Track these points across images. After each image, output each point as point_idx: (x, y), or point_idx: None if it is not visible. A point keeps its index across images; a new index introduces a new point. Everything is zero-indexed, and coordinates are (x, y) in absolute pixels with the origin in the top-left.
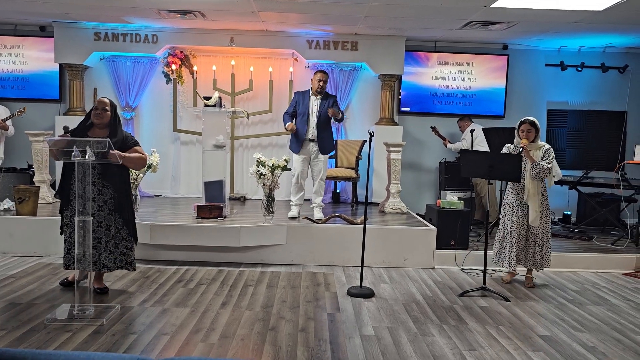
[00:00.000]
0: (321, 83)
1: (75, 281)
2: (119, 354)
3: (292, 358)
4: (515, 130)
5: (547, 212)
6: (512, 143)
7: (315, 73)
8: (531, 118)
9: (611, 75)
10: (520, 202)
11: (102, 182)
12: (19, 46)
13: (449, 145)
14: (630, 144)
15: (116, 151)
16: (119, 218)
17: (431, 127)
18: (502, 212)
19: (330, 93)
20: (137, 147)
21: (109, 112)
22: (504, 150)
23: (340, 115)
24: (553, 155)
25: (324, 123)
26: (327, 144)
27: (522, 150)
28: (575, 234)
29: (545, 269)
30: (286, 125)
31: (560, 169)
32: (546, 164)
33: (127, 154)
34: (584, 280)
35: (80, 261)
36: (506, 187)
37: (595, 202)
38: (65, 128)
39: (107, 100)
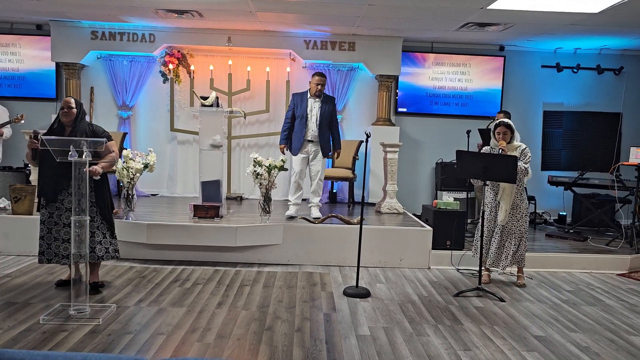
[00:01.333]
0: (319, 87)
1: (71, 280)
2: (115, 354)
3: (288, 358)
4: (492, 133)
5: (524, 212)
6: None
7: (312, 76)
8: (506, 120)
9: (607, 77)
10: (492, 202)
11: (81, 177)
12: (15, 45)
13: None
14: (625, 145)
15: (93, 167)
16: (98, 210)
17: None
18: (481, 211)
19: (328, 95)
20: (109, 144)
21: (74, 110)
22: (483, 151)
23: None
24: (530, 155)
25: (324, 125)
26: (327, 145)
27: (500, 151)
28: (570, 234)
29: (526, 269)
30: (280, 145)
31: (556, 170)
32: (523, 164)
33: (102, 163)
34: (579, 280)
35: (75, 258)
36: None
37: (590, 203)
38: (35, 133)
39: (71, 99)
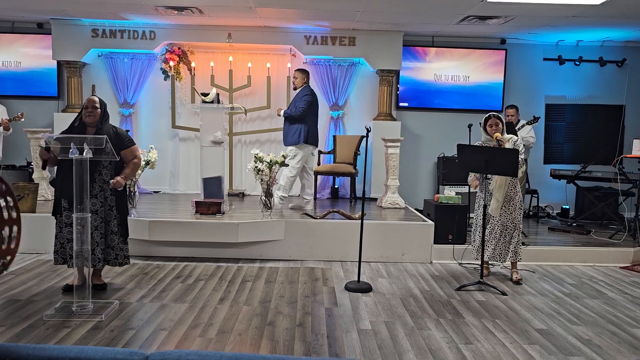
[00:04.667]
0: (293, 80)
1: (74, 286)
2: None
3: (290, 352)
4: (482, 127)
5: (518, 205)
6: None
7: None
8: (495, 113)
9: (609, 69)
10: (486, 197)
11: (102, 179)
12: (16, 43)
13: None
14: (628, 137)
15: (117, 178)
16: (118, 214)
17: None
18: (476, 205)
19: (305, 88)
20: (132, 148)
21: (99, 110)
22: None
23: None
24: (523, 146)
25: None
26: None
27: (499, 143)
28: (573, 227)
29: (529, 262)
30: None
31: (558, 163)
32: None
33: (126, 173)
34: (582, 273)
35: (77, 257)
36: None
37: (593, 196)
38: (47, 144)
39: (96, 99)
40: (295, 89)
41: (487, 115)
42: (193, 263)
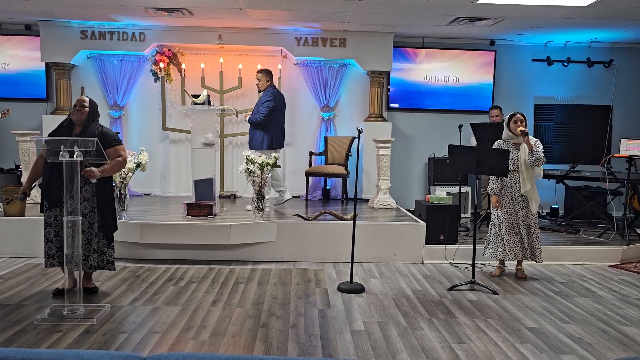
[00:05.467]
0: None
1: (65, 290)
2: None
3: (283, 354)
4: (505, 124)
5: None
6: (500, 138)
7: None
8: (520, 112)
9: (597, 70)
10: (511, 195)
11: (82, 180)
12: (4, 45)
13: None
14: (616, 137)
15: (92, 169)
16: (99, 217)
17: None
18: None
19: (268, 91)
20: (117, 147)
21: (86, 109)
22: (495, 146)
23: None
24: (542, 146)
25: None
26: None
27: (525, 134)
28: (563, 227)
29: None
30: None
31: (548, 163)
32: (541, 153)
33: (105, 168)
34: (571, 272)
35: (69, 262)
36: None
37: (582, 195)
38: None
39: (86, 98)
40: (259, 91)
41: (511, 113)
42: (185, 265)
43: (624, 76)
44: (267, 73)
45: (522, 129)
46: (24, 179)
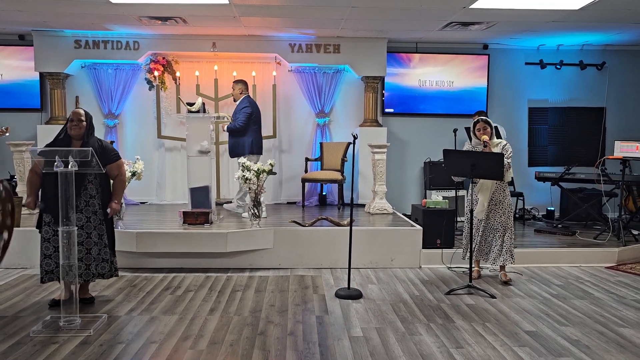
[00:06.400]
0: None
1: (61, 301)
2: None
3: None
4: (471, 131)
5: (508, 208)
6: (471, 141)
7: None
8: (483, 117)
9: (589, 73)
10: (474, 199)
11: (88, 194)
12: None
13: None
14: (610, 139)
15: (112, 205)
16: (107, 228)
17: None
18: (465, 209)
19: (243, 100)
20: (118, 163)
21: (84, 123)
22: (465, 147)
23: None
24: (511, 150)
25: None
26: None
27: (485, 145)
28: (559, 229)
29: (510, 265)
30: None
31: (542, 166)
32: (506, 159)
33: (118, 195)
34: (568, 274)
35: (67, 274)
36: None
37: (577, 197)
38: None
39: (82, 111)
40: (235, 100)
41: (475, 119)
42: (182, 274)
43: (617, 78)
44: (241, 82)
45: (485, 138)
46: (19, 189)
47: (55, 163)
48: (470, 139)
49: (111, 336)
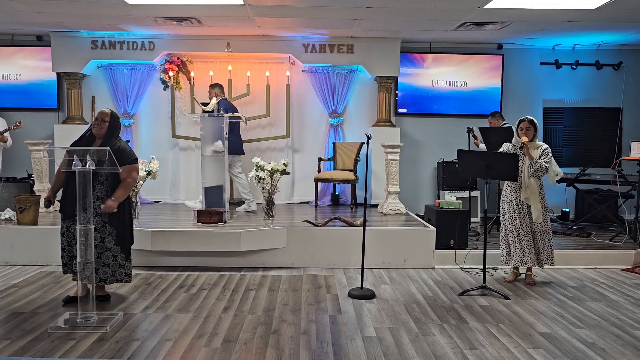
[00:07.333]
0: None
1: (78, 297)
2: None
3: None
4: (514, 129)
5: (547, 210)
6: (510, 142)
7: None
8: (530, 117)
9: (606, 73)
10: (519, 200)
11: (96, 195)
12: (16, 56)
13: (480, 145)
14: (626, 140)
15: (108, 202)
16: (114, 230)
17: (467, 130)
18: (501, 210)
19: (220, 103)
20: (132, 166)
21: (106, 123)
22: (503, 148)
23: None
24: (550, 154)
25: None
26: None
27: (522, 146)
28: (574, 230)
29: (547, 267)
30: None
31: (558, 167)
32: (544, 163)
33: (117, 195)
34: (583, 276)
35: (82, 272)
36: (503, 185)
37: (592, 198)
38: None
39: (107, 111)
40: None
41: (521, 118)
42: (196, 272)
43: (634, 78)
44: (219, 87)
45: (525, 139)
46: (36, 187)
47: (74, 162)
48: (485, 141)
49: (127, 333)
